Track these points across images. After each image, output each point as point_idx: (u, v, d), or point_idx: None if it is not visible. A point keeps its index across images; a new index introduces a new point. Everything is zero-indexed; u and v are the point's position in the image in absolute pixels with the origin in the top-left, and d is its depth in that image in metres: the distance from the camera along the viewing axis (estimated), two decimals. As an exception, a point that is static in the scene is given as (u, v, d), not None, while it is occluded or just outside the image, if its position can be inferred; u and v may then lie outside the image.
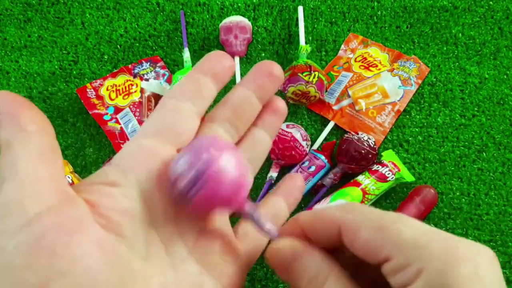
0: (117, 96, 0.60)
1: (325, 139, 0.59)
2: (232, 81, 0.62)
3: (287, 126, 0.56)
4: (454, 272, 0.15)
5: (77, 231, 0.15)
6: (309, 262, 0.18)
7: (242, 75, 0.62)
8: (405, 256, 0.16)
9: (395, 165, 0.54)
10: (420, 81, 0.61)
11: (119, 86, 0.61)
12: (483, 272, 0.15)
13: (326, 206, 0.20)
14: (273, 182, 0.56)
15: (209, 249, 0.21)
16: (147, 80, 0.62)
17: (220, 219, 0.22)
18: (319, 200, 0.54)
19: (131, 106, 0.60)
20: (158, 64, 0.63)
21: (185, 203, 0.19)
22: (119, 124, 0.59)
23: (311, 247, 0.19)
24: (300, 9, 0.64)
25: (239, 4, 0.67)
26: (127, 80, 0.61)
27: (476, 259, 0.15)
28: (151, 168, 0.19)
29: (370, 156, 0.54)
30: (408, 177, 0.54)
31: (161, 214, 0.19)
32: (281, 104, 0.24)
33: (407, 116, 0.60)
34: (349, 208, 0.18)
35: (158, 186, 0.19)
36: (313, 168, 0.55)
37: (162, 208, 0.19)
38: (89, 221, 0.16)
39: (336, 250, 0.19)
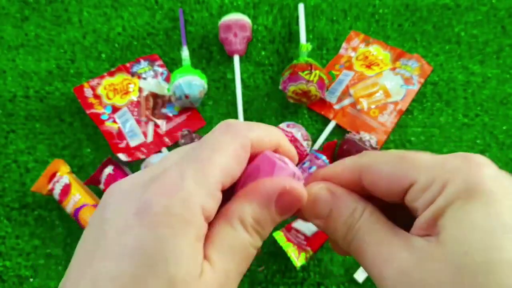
0: (114, 95, 0.59)
1: (326, 139, 0.58)
2: (232, 80, 0.61)
3: (288, 126, 0.55)
4: (477, 176, 0.16)
5: None
6: (347, 200, 0.19)
7: (241, 74, 0.61)
8: (428, 175, 0.17)
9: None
10: (422, 80, 0.60)
11: (116, 85, 0.60)
12: (502, 173, 0.17)
13: (339, 161, 0.21)
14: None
15: None
16: (145, 79, 0.61)
17: None
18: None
19: (129, 106, 0.59)
20: (157, 63, 0.62)
21: None
22: (117, 123, 0.58)
23: (344, 188, 0.20)
24: (301, 7, 0.63)
25: (239, 2, 0.66)
26: (125, 79, 0.60)
27: (494, 165, 0.17)
28: None
29: (372, 156, 0.53)
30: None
31: None
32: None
33: (410, 116, 0.60)
34: (365, 154, 0.20)
35: None
36: (314, 169, 0.54)
37: None
38: None
39: None
